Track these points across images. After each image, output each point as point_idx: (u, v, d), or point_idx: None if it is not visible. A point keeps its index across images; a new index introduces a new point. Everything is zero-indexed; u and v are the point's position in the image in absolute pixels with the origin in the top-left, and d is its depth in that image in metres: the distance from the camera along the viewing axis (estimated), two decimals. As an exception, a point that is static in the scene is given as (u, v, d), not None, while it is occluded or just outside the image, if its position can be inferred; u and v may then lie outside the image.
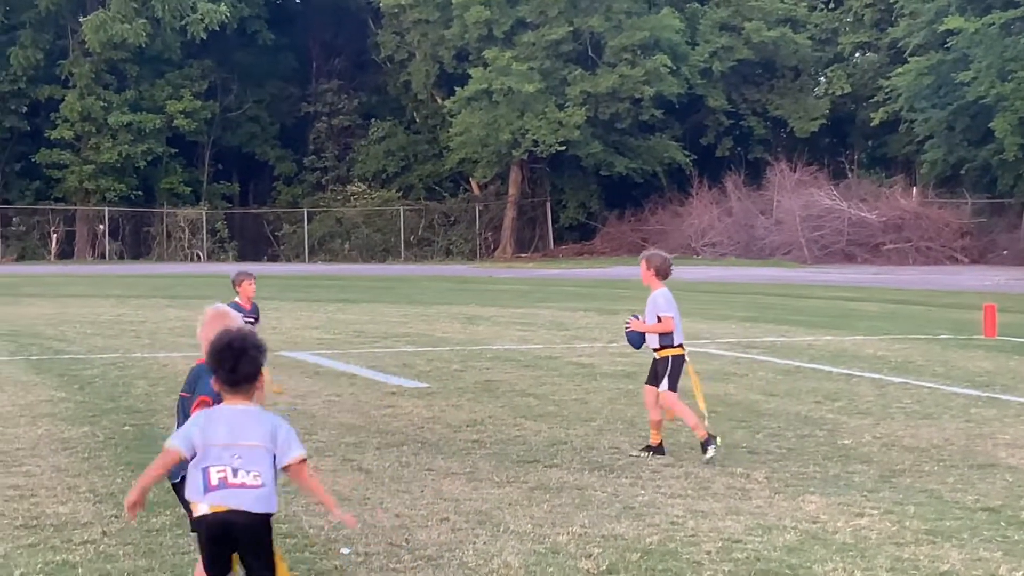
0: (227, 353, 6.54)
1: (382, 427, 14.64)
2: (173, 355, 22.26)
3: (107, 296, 39.35)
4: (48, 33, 77.47)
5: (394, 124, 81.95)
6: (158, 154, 77.45)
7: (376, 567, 8.88)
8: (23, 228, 76.55)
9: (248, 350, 6.58)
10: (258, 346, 6.64)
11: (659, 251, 13.79)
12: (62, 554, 9.12)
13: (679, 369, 12.96)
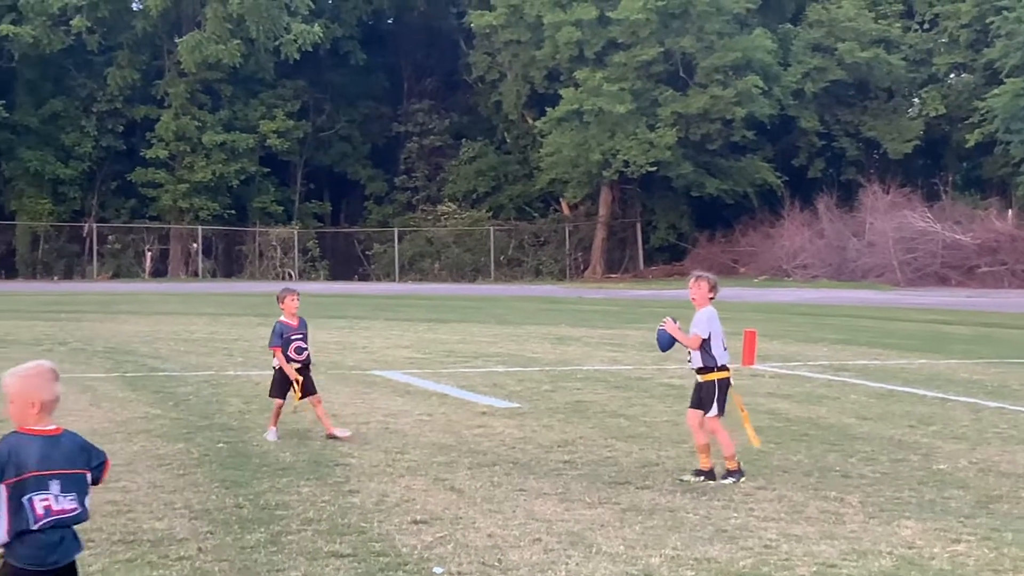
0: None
1: (473, 447, 14.65)
2: (265, 373, 22.32)
3: (200, 314, 39.69)
4: (144, 54, 78.44)
5: (485, 144, 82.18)
6: (251, 173, 78.13)
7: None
8: (118, 246, 77.42)
9: None
10: None
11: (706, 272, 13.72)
12: (159, 570, 9.20)
13: (725, 393, 12.87)
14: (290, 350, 15.22)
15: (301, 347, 15.29)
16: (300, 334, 15.30)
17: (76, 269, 76.80)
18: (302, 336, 15.31)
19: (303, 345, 15.31)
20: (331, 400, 18.64)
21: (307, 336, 15.46)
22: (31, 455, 6.46)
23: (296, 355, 15.24)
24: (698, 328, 12.75)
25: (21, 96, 76.34)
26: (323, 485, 12.36)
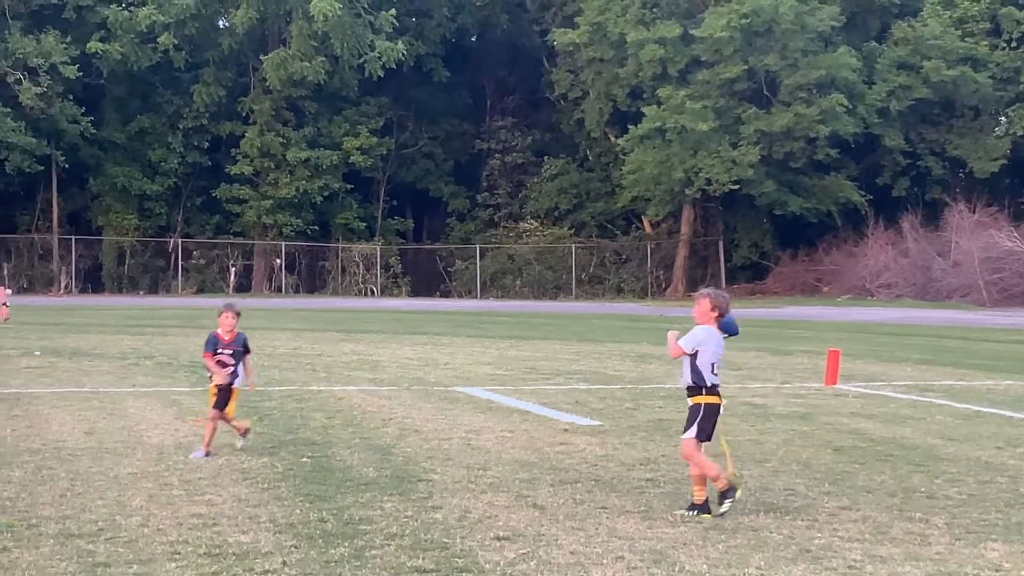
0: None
1: (555, 464, 14.66)
2: (348, 388, 22.51)
3: (283, 329, 39.96)
4: (230, 71, 79.17)
5: (567, 161, 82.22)
6: (334, 190, 78.63)
7: (552, 603, 8.90)
8: (203, 261, 78.11)
9: None
10: None
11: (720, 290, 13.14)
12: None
13: (710, 420, 12.12)
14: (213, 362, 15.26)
15: (224, 363, 15.24)
16: (229, 350, 15.26)
17: (161, 284, 77.57)
18: (231, 353, 15.27)
19: (228, 362, 15.25)
20: (414, 416, 18.73)
21: (239, 355, 15.34)
22: None
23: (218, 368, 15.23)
24: (685, 340, 12.18)
25: (109, 112, 77.26)
26: (406, 500, 12.40)
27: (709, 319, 12.32)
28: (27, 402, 19.85)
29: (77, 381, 23.12)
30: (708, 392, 12.14)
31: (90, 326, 40.61)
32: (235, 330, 15.31)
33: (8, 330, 37.07)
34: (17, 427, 17.12)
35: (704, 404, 12.13)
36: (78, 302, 63.29)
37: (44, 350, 29.81)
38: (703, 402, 12.15)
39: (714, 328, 12.31)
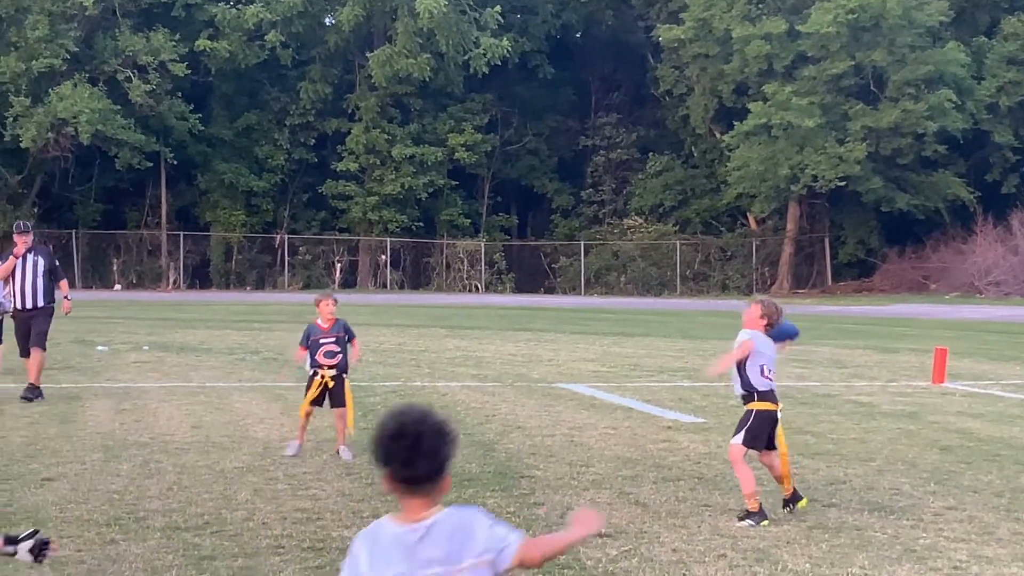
0: (401, 442, 4.73)
1: (658, 461, 14.63)
2: (452, 384, 22.60)
3: (388, 325, 40.16)
4: (336, 68, 79.71)
5: (672, 158, 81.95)
6: (439, 186, 78.91)
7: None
8: (309, 257, 78.69)
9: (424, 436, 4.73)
10: (439, 431, 4.80)
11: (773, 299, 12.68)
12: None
13: (762, 427, 11.83)
14: (319, 354, 14.95)
15: (332, 351, 14.98)
16: (331, 337, 14.99)
17: (267, 279, 78.27)
18: (334, 339, 15.00)
19: (334, 349, 15.00)
20: (517, 412, 18.76)
21: (342, 340, 15.07)
22: None
23: (325, 359, 14.95)
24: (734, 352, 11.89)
25: (217, 110, 78.08)
26: (508, 497, 12.44)
27: (757, 326, 12.05)
28: (136, 396, 20.13)
29: (184, 376, 23.41)
30: (760, 398, 11.85)
31: (197, 321, 41.08)
32: (334, 316, 15.09)
33: (117, 325, 37.58)
34: (126, 421, 17.37)
35: (755, 410, 11.84)
36: (186, 297, 64.08)
37: (152, 345, 30.20)
38: (755, 408, 11.85)
39: (760, 332, 12.06)
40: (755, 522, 11.36)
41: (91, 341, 30.66)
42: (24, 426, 16.73)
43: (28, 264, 19.88)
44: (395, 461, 4.71)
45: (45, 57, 70.44)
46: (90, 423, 17.16)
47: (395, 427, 4.71)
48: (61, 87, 69.96)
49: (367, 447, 14.93)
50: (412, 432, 4.69)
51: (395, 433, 4.70)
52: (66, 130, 69.51)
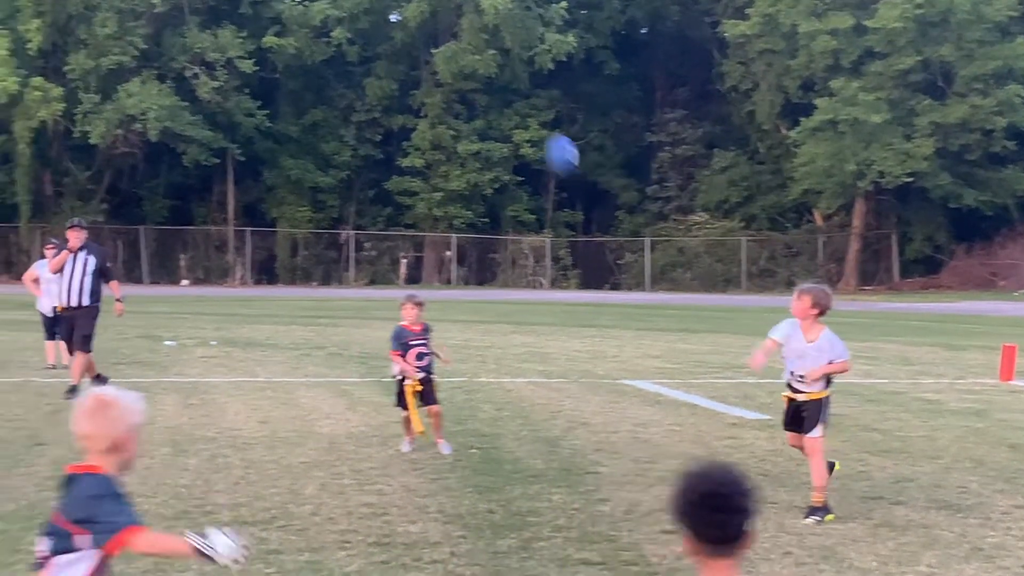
0: (711, 503, 4.49)
1: (723, 458, 14.59)
2: (518, 380, 22.61)
3: (454, 321, 40.20)
4: (402, 64, 79.94)
5: (737, 154, 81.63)
6: (504, 182, 78.95)
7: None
8: (374, 253, 78.95)
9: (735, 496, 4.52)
10: (746, 488, 4.56)
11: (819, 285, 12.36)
12: (412, 572, 9.37)
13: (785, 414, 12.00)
14: (410, 356, 14.87)
15: (422, 353, 14.90)
16: (422, 340, 14.95)
17: (333, 275, 78.59)
18: (423, 342, 14.97)
19: (424, 351, 14.93)
20: (582, 409, 18.76)
21: (429, 343, 15.04)
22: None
23: (416, 361, 14.86)
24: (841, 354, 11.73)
25: (283, 106, 78.46)
26: (573, 493, 12.45)
27: (808, 316, 11.85)
28: (203, 391, 20.27)
29: (251, 371, 23.54)
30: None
31: (264, 317, 41.32)
32: (420, 320, 15.08)
33: (184, 320, 37.80)
34: (194, 416, 17.50)
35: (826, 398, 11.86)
36: (253, 293, 64.44)
37: (220, 340, 30.39)
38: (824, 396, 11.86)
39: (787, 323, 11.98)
40: (820, 517, 11.30)
41: (159, 336, 30.90)
42: (93, 420, 16.85)
43: (79, 261, 19.77)
44: (704, 523, 4.46)
45: (114, 54, 71.04)
46: (158, 418, 17.28)
47: (705, 488, 4.46)
48: (130, 84, 70.51)
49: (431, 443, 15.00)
50: (724, 492, 4.46)
51: (706, 493, 4.45)
52: (135, 127, 70.07)
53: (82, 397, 5.74)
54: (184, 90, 72.74)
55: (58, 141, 73.17)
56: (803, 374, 11.82)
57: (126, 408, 5.73)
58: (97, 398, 5.71)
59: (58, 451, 14.42)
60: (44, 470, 13.32)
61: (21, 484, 12.62)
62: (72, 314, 19.86)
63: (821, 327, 11.81)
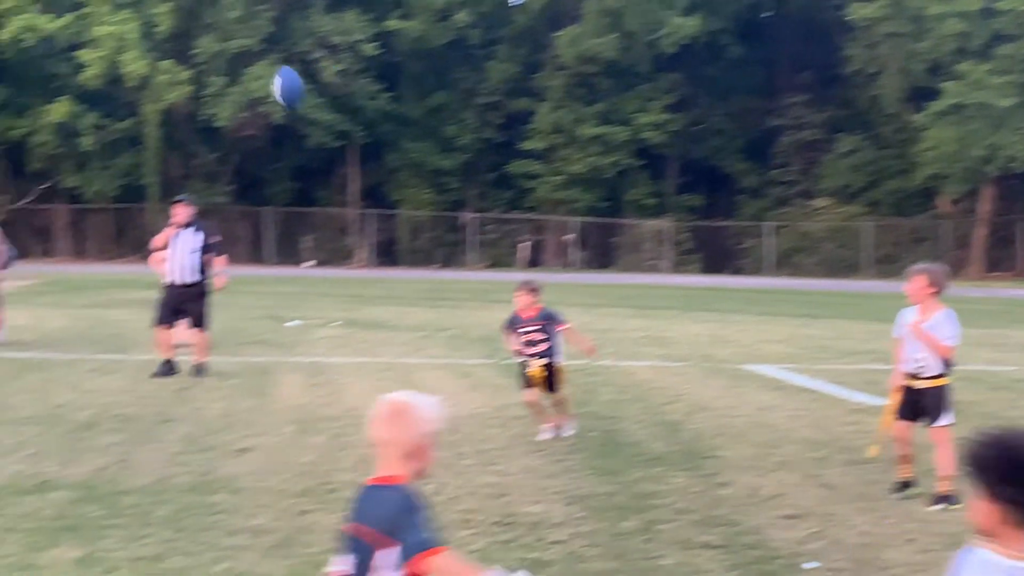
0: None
1: (846, 444, 14.48)
2: (637, 364, 22.59)
3: (573, 304, 40.17)
4: (524, 48, 79.98)
5: (862, 138, 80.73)
6: (625, 166, 78.75)
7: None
8: (495, 236, 79.15)
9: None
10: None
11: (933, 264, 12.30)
12: (535, 552, 9.42)
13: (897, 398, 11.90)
14: (521, 343, 14.64)
15: (532, 340, 14.61)
16: (534, 326, 14.66)
17: (454, 258, 78.90)
18: (535, 328, 14.65)
19: (535, 338, 14.61)
20: (703, 393, 18.71)
21: (548, 328, 14.69)
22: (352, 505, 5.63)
23: (525, 348, 14.61)
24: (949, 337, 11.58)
25: (406, 89, 78.85)
26: (695, 476, 12.43)
27: (925, 297, 11.72)
28: (326, 371, 20.47)
29: (373, 351, 23.73)
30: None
31: (385, 298, 41.60)
32: (535, 306, 14.81)
33: (307, 301, 38.18)
34: (317, 395, 17.70)
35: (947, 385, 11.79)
36: (375, 274, 64.88)
37: (342, 321, 30.66)
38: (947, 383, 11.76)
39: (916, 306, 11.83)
40: (947, 505, 11.21)
41: (282, 316, 31.24)
42: (219, 398, 17.14)
43: (184, 238, 19.73)
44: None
45: (240, 38, 71.81)
46: (282, 396, 17.51)
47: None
48: (255, 67, 71.22)
49: (553, 424, 15.03)
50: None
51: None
52: (260, 109, 70.81)
53: (379, 403, 5.63)
54: (308, 73, 73.28)
55: (185, 124, 74.13)
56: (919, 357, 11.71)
57: (423, 414, 5.55)
58: (394, 404, 5.57)
59: (186, 428, 14.69)
60: (173, 446, 13.57)
61: (151, 459, 12.86)
62: (179, 292, 19.77)
63: (939, 307, 11.70)
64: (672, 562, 9.28)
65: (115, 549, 9.45)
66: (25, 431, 14.22)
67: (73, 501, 10.97)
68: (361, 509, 5.49)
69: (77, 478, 11.91)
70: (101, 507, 10.73)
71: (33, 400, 16.58)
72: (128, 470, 12.32)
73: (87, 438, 13.98)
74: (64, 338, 24.76)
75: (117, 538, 9.76)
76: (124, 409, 15.93)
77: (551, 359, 14.70)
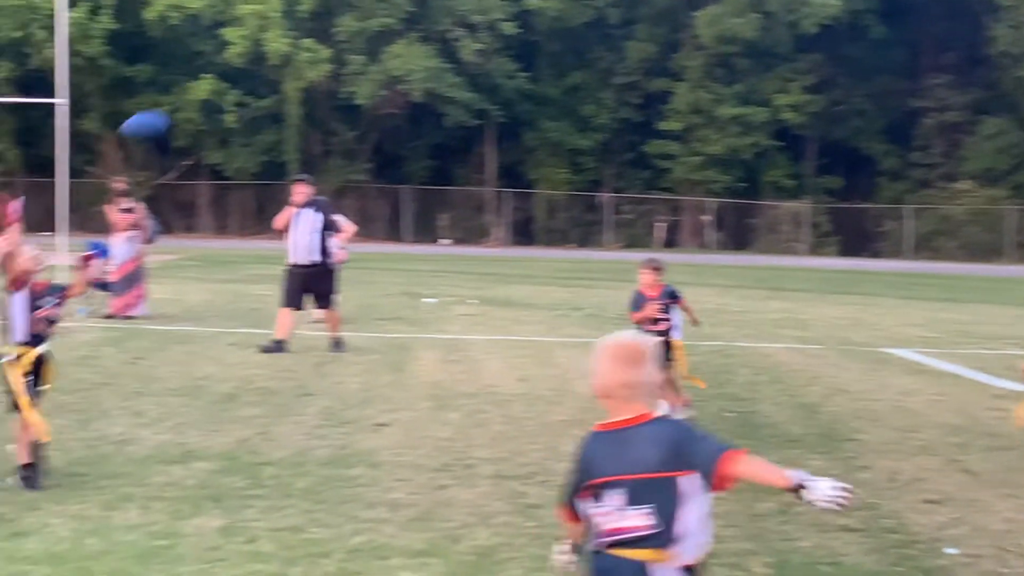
0: None
1: (988, 429, 14.29)
2: (775, 346, 22.44)
3: (710, 285, 40.05)
4: (663, 28, 79.58)
5: (1006, 121, 79.33)
6: (763, 147, 78.15)
7: (984, 570, 8.72)
8: (631, 216, 78.95)
9: None
10: None
11: None
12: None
13: None
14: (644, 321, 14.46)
15: (655, 318, 14.46)
16: (657, 305, 14.56)
17: (590, 238, 78.84)
18: (661, 308, 14.57)
19: (658, 317, 14.49)
20: (841, 376, 18.55)
21: (670, 308, 14.69)
22: (593, 456, 5.32)
23: (648, 326, 14.32)
24: None
25: (544, 68, 78.86)
26: (833, 459, 12.35)
27: None
28: (463, 348, 20.59)
29: (509, 329, 23.80)
30: None
31: (521, 277, 41.70)
32: (659, 284, 14.81)
33: (444, 278, 38.39)
34: (453, 371, 17.81)
35: None
36: (510, 253, 65.05)
37: (478, 299, 30.78)
38: None
39: None
40: None
41: (419, 293, 31.47)
42: (358, 373, 17.32)
43: (304, 217, 19.71)
44: None
45: (381, 16, 72.28)
46: (419, 372, 17.65)
47: None
48: (395, 46, 71.68)
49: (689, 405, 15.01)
50: None
51: None
52: (399, 88, 71.26)
53: (608, 346, 5.48)
54: (447, 52, 73.65)
55: (326, 101, 74.81)
56: None
57: (654, 352, 5.40)
58: (629, 345, 5.44)
59: (325, 401, 14.88)
60: (312, 419, 13.76)
61: (290, 432, 13.05)
62: (302, 272, 19.78)
63: None
64: (809, 544, 9.23)
65: (256, 519, 9.61)
66: (170, 402, 14.50)
67: (216, 471, 11.18)
68: (622, 455, 5.16)
69: (220, 449, 12.14)
70: (243, 478, 10.93)
71: (177, 372, 16.89)
72: (269, 442, 12.52)
73: (229, 410, 14.23)
74: (205, 312, 25.18)
75: (258, 508, 9.92)
76: (264, 382, 16.18)
77: (669, 336, 14.58)
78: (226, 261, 44.21)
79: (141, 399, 14.70)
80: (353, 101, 72.06)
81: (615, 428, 5.26)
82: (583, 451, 5.36)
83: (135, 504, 9.96)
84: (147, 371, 16.87)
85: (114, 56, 69.79)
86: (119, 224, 24.14)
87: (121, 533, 9.18)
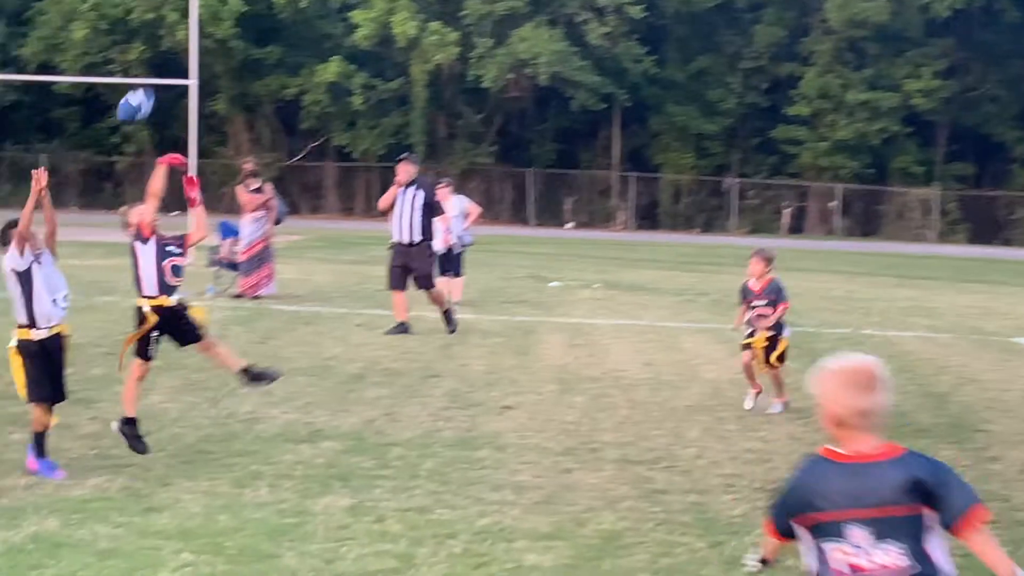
0: None
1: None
2: (904, 334, 22.18)
3: (836, 272, 39.69)
4: (792, 12, 78.86)
5: None
6: (892, 133, 77.21)
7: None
8: (757, 202, 78.42)
9: None
10: None
11: None
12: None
13: None
14: (752, 317, 14.18)
15: (763, 315, 14.12)
16: (763, 300, 14.19)
17: (715, 223, 78.42)
18: (765, 302, 14.17)
19: (765, 312, 14.11)
20: (971, 365, 18.30)
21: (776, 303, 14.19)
22: (824, 489, 5.02)
23: (754, 319, 14.15)
24: None
25: (671, 53, 78.50)
26: (963, 450, 12.20)
27: None
28: (588, 332, 20.60)
29: (634, 314, 23.76)
30: None
31: (646, 261, 41.60)
32: (767, 276, 14.39)
33: (568, 262, 38.36)
34: (579, 355, 17.83)
35: None
36: (635, 238, 64.88)
37: (603, 283, 30.74)
38: None
39: None
40: None
41: (544, 277, 31.50)
42: (483, 355, 17.40)
43: (408, 197, 19.76)
44: None
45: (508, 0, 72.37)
46: (545, 356, 17.69)
47: None
48: (522, 29, 71.74)
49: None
50: None
51: None
52: (525, 71, 71.32)
53: (851, 369, 5.11)
54: (574, 35, 73.56)
55: (452, 84, 75.09)
56: None
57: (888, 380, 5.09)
58: (873, 369, 5.08)
59: (450, 383, 14.97)
60: (438, 401, 13.85)
61: (416, 413, 13.15)
62: (405, 251, 19.83)
63: None
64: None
65: (384, 499, 9.69)
66: (298, 382, 14.64)
67: (343, 451, 11.30)
68: (862, 489, 4.89)
69: (347, 429, 12.26)
70: (370, 458, 11.03)
71: (305, 352, 17.08)
72: (395, 423, 12.62)
73: (356, 390, 14.36)
74: (331, 293, 25.43)
75: (386, 489, 10.01)
76: (390, 364, 16.30)
77: (775, 333, 14.24)
78: (352, 242, 44.55)
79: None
80: (480, 84, 72.19)
81: (852, 461, 4.98)
82: (806, 477, 5.14)
83: (265, 482, 10.09)
84: (275, 351, 17.06)
85: (243, 38, 70.52)
86: (248, 205, 24.43)
87: (251, 510, 9.31)
